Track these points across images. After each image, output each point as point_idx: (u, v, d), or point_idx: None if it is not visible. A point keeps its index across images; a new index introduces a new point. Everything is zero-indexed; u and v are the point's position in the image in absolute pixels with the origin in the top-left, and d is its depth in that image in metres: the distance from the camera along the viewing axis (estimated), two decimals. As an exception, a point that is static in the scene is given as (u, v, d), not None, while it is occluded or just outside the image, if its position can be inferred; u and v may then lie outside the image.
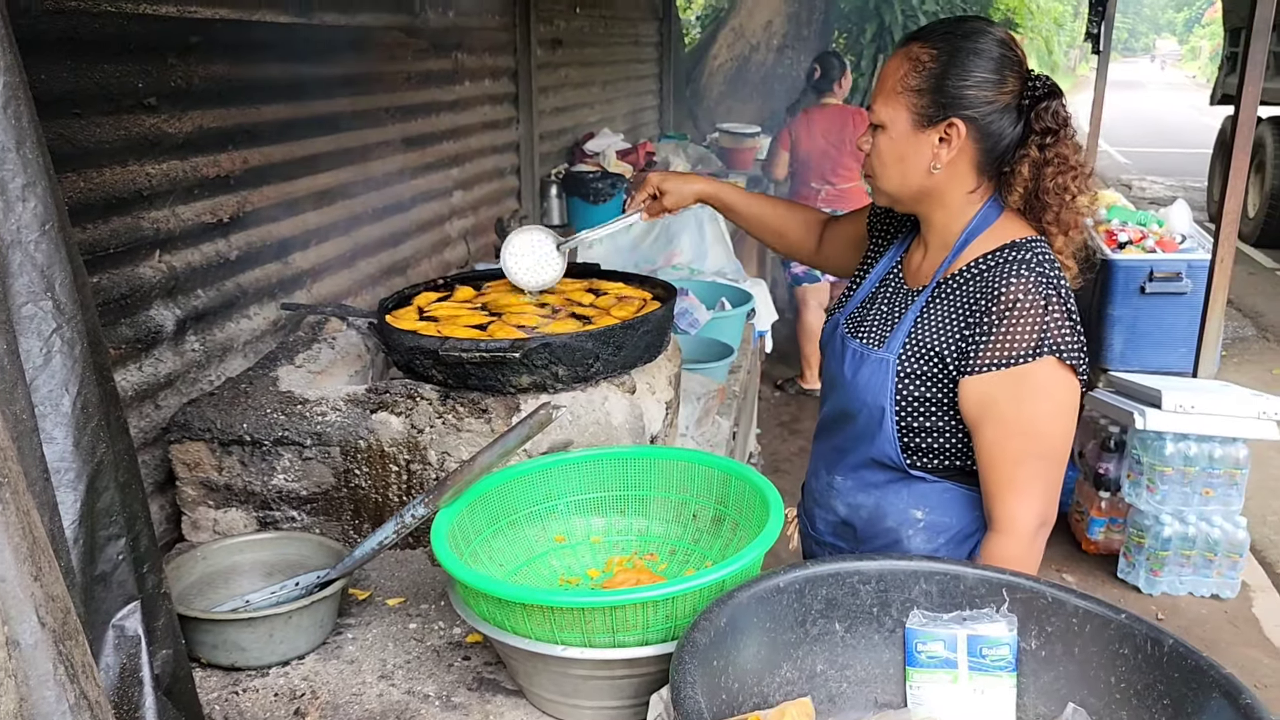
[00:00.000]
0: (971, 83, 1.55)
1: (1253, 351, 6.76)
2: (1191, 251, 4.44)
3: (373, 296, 2.83)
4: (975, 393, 1.56)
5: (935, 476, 1.67)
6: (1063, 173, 1.56)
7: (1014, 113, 1.57)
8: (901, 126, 1.60)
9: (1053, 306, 1.52)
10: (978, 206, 1.63)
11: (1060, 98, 1.58)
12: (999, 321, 1.53)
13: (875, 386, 1.65)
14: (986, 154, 1.59)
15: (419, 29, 3.04)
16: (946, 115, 1.56)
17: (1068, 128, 1.57)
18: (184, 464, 1.83)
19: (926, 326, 1.62)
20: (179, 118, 1.97)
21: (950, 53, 1.56)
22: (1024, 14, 20.19)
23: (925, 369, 1.61)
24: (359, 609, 1.68)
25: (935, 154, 1.59)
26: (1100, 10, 6.20)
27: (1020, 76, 1.58)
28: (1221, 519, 3.57)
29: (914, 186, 1.64)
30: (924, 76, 1.57)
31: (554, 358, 1.72)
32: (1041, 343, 1.51)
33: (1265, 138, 9.28)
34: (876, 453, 1.68)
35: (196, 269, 2.05)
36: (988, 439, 1.57)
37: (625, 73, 5.93)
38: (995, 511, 1.58)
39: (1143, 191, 13.51)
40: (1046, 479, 1.57)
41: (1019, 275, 1.53)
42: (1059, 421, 1.56)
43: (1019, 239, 1.59)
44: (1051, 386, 1.53)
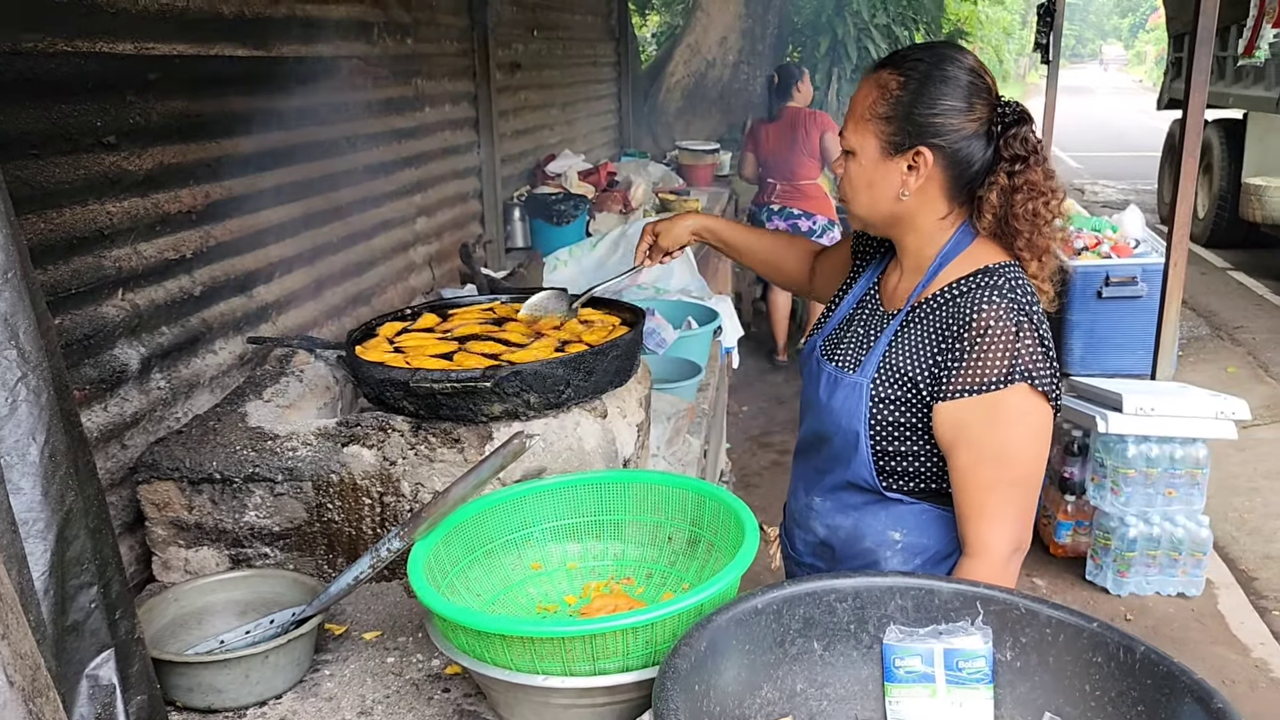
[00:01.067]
0: (939, 110, 1.56)
1: (1208, 350, 6.89)
2: (1145, 256, 4.53)
3: (339, 326, 2.82)
4: (948, 418, 1.56)
5: (912, 498, 1.67)
6: (1033, 199, 1.56)
7: (983, 139, 1.58)
8: (871, 153, 1.61)
9: (1024, 333, 1.53)
10: (950, 232, 1.64)
11: (1030, 124, 1.59)
12: (971, 348, 1.53)
13: (850, 410, 1.66)
14: (956, 180, 1.60)
15: (378, 57, 3.04)
16: (914, 143, 1.57)
17: (1037, 154, 1.57)
18: (153, 504, 1.81)
19: (900, 351, 1.63)
20: (139, 155, 1.96)
21: (918, 80, 1.57)
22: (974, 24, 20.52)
23: (899, 394, 1.62)
24: (336, 644, 1.67)
25: (904, 181, 1.60)
26: (1048, 21, 6.32)
27: (989, 103, 1.58)
28: (1185, 518, 3.64)
29: (884, 212, 1.65)
30: (892, 104, 1.58)
31: (525, 385, 1.72)
32: (1013, 369, 1.51)
33: (1211, 141, 9.48)
34: (853, 475, 1.69)
35: (160, 306, 2.03)
36: (961, 464, 1.58)
37: (584, 93, 5.95)
38: (969, 537, 1.59)
39: (1095, 196, 13.75)
40: (1019, 505, 1.57)
41: (991, 301, 1.54)
42: (1031, 448, 1.57)
43: (992, 264, 1.60)
44: (1024, 413, 1.54)
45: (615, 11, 6.63)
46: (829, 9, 12.16)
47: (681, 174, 6.12)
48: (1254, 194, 8.45)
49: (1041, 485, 1.63)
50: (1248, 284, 8.63)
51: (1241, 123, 9.09)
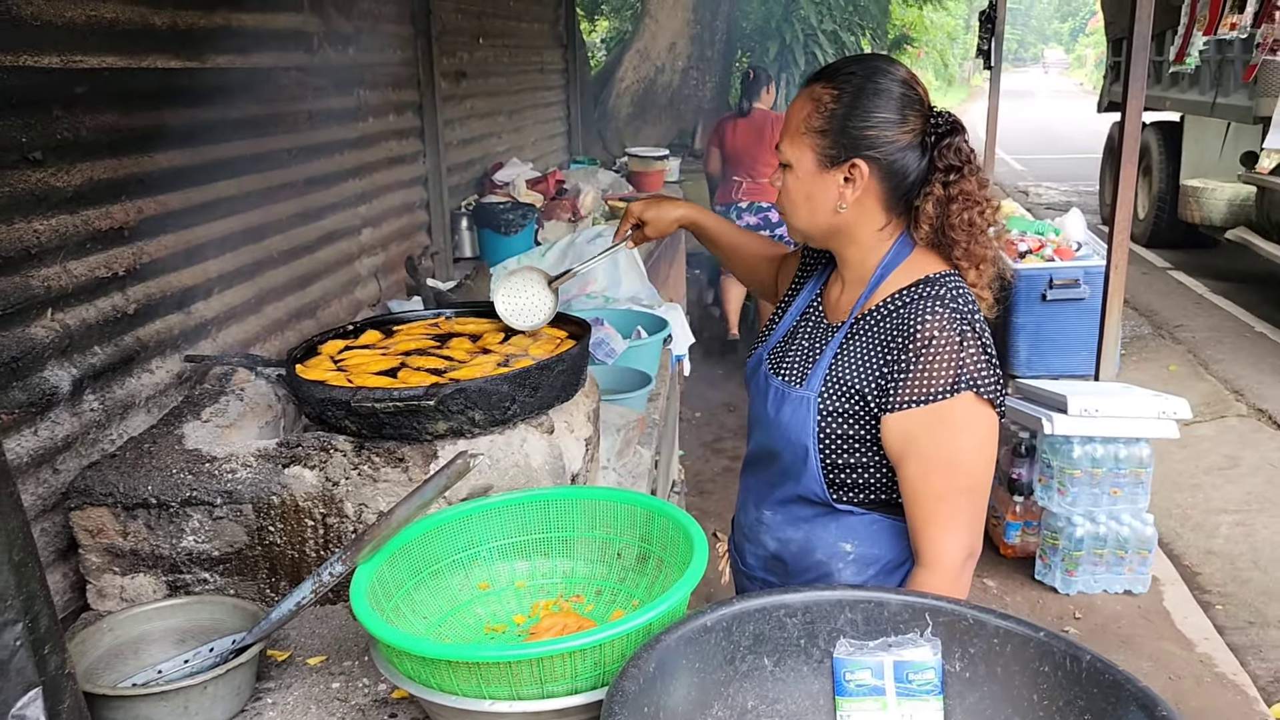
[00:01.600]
0: (873, 123, 1.57)
1: (1150, 349, 7.03)
2: (1088, 258, 4.60)
3: (282, 341, 2.77)
4: (896, 430, 1.57)
5: (862, 509, 1.68)
6: (968, 208, 1.58)
7: (918, 150, 1.59)
8: (807, 166, 1.62)
9: (968, 342, 1.54)
10: (890, 243, 1.65)
11: (962, 134, 1.61)
12: (916, 359, 1.54)
13: (798, 425, 1.66)
14: (892, 192, 1.61)
15: (318, 67, 2.99)
16: (849, 156, 1.59)
17: (971, 164, 1.59)
18: (86, 530, 1.76)
19: (845, 364, 1.63)
20: (67, 170, 1.90)
21: (851, 93, 1.58)
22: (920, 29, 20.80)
23: (846, 406, 1.62)
24: (278, 671, 1.63)
25: (841, 193, 1.61)
26: (990, 27, 6.41)
27: (922, 115, 1.60)
28: (1130, 517, 3.70)
29: (822, 224, 1.66)
30: (826, 117, 1.59)
31: (469, 402, 1.69)
32: (959, 379, 1.53)
33: (1150, 143, 9.68)
34: (803, 489, 1.69)
35: (92, 325, 1.97)
36: (910, 474, 1.58)
37: (532, 101, 5.92)
38: (920, 546, 1.60)
39: (1039, 197, 13.99)
40: (970, 512, 1.58)
41: (934, 312, 1.55)
42: (979, 455, 1.58)
43: (933, 274, 1.61)
44: (970, 421, 1.55)
45: (563, 18, 6.61)
46: (777, 15, 12.25)
47: (631, 181, 6.11)
48: (1192, 195, 8.64)
49: (990, 490, 1.64)
50: (1187, 283, 8.82)
51: (1179, 125, 9.29)
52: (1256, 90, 6.61)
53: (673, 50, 11.53)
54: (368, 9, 3.37)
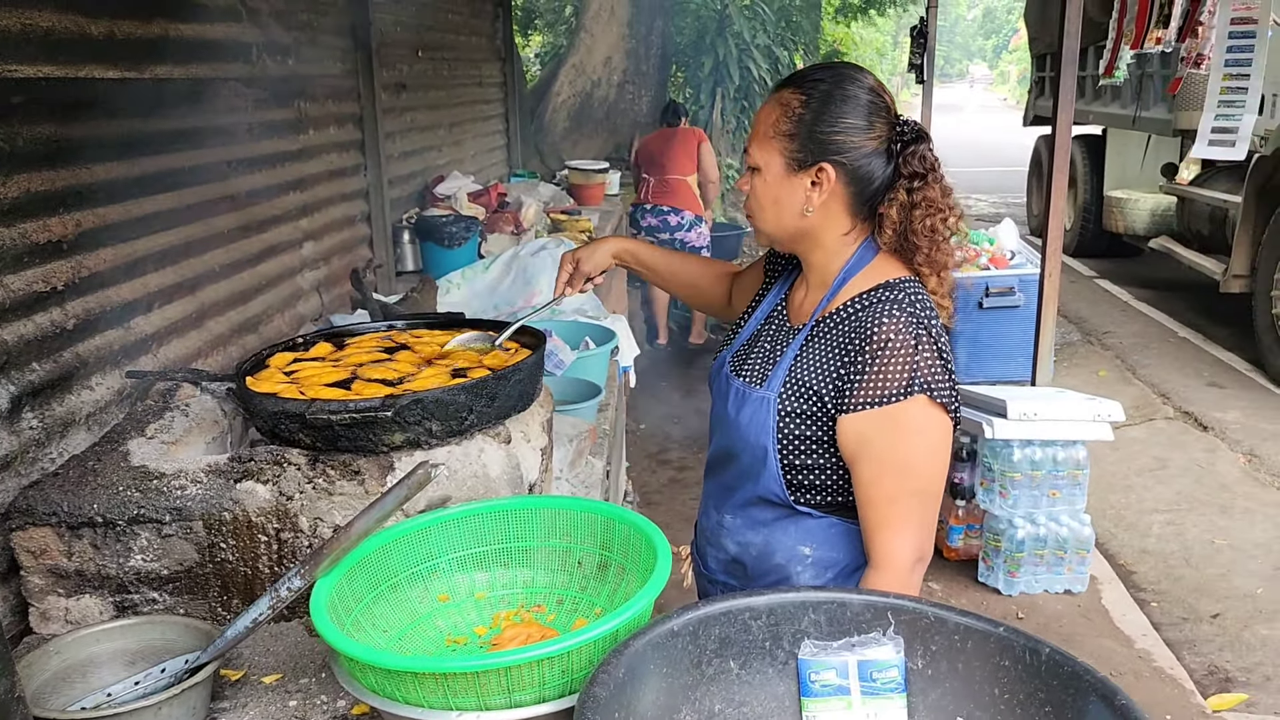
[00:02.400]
0: (840, 128, 1.60)
1: (1080, 355, 7.21)
2: (1021, 267, 4.72)
3: (225, 357, 2.71)
4: (851, 431, 1.59)
5: (821, 512, 1.69)
6: (931, 215, 1.61)
7: (883, 157, 1.62)
8: (775, 170, 1.65)
9: (923, 346, 1.56)
10: (854, 247, 1.68)
11: (927, 142, 1.63)
12: (872, 361, 1.56)
13: (758, 425, 1.67)
14: (858, 197, 1.64)
15: (257, 78, 2.95)
16: (817, 160, 1.61)
17: (935, 171, 1.62)
18: (28, 552, 1.70)
19: (805, 365, 1.66)
20: (3, 183, 1.84)
21: (820, 99, 1.61)
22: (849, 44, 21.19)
23: (805, 408, 1.64)
24: (233, 690, 1.60)
25: (808, 197, 1.63)
26: (921, 42, 6.55)
27: (888, 122, 1.63)
28: (1068, 518, 3.79)
29: (789, 228, 1.68)
30: (795, 122, 1.62)
31: (426, 413, 1.68)
32: (912, 382, 1.55)
33: (1075, 156, 9.95)
34: (763, 490, 1.70)
35: (30, 341, 1.91)
36: (864, 476, 1.60)
37: (471, 114, 5.90)
38: (873, 548, 1.61)
39: (969, 209, 14.29)
40: (921, 515, 1.60)
41: (890, 315, 1.57)
42: (932, 458, 1.60)
43: (893, 279, 1.63)
44: (923, 424, 1.57)
45: (500, 32, 6.60)
46: (711, 31, 12.38)
47: (572, 194, 6.12)
48: (1116, 206, 8.92)
49: (942, 495, 1.66)
50: (1114, 291, 9.08)
51: (1102, 138, 9.58)
52: (1176, 104, 6.85)
53: (608, 64, 11.58)
54: (307, 20, 3.34)
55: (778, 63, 12.68)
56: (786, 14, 13.96)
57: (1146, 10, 3.88)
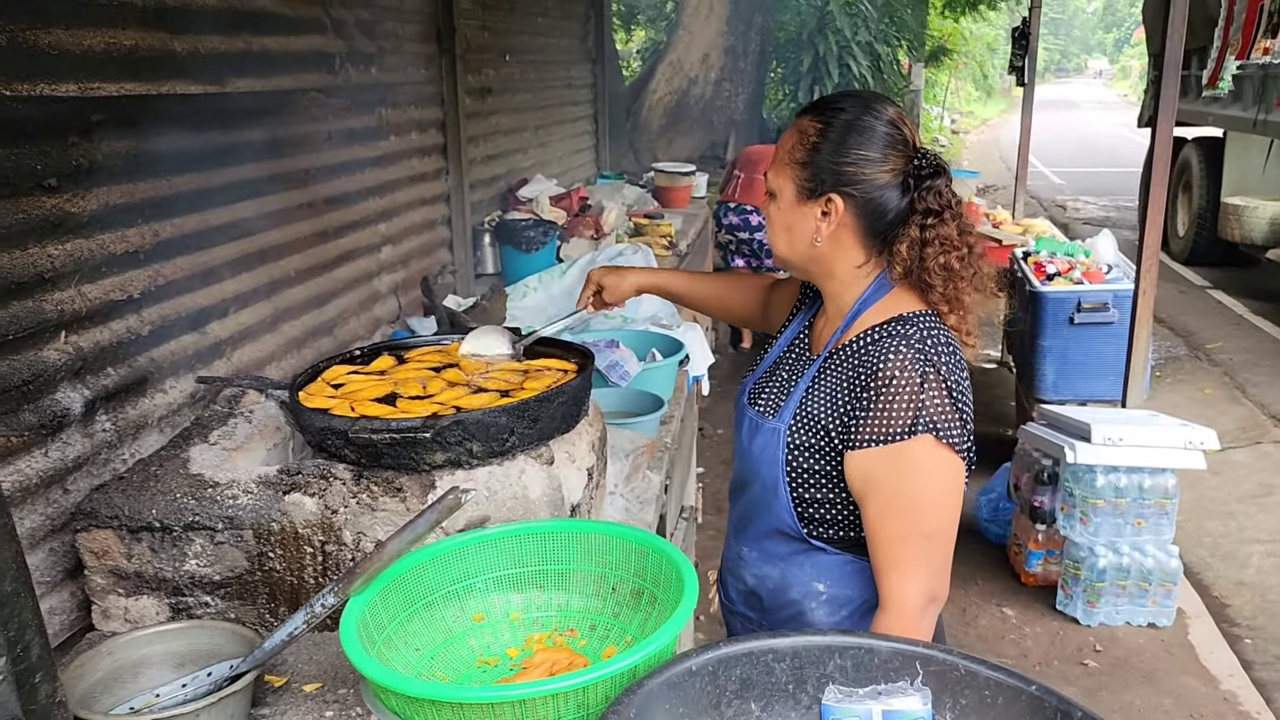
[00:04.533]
0: (852, 159, 1.58)
1: (1185, 371, 6.90)
2: (1117, 281, 4.53)
3: (298, 360, 2.79)
4: (858, 468, 1.57)
5: (836, 548, 1.67)
6: (945, 253, 1.57)
7: (898, 190, 1.59)
8: (788, 197, 1.64)
9: (930, 384, 1.52)
10: (869, 279, 1.65)
11: (945, 177, 1.59)
12: (877, 397, 1.54)
13: (769, 457, 1.66)
14: (869, 229, 1.61)
15: (339, 88, 3.02)
16: (826, 190, 1.59)
17: (952, 208, 1.58)
18: (92, 552, 1.78)
19: (814, 398, 1.64)
20: (83, 196, 1.93)
21: (837, 129, 1.59)
22: (958, 40, 20.67)
23: (812, 441, 1.62)
24: (274, 697, 1.64)
25: (817, 227, 1.62)
26: (1023, 44, 6.35)
27: (905, 155, 1.59)
28: (1154, 548, 3.63)
29: (801, 255, 1.67)
30: (808, 150, 1.61)
31: (467, 434, 1.70)
32: (917, 420, 1.51)
33: (1191, 159, 9.54)
34: (776, 521, 1.69)
35: (106, 347, 2.00)
36: (871, 514, 1.58)
37: (559, 116, 5.94)
38: (882, 588, 1.58)
39: (1077, 212, 13.81)
40: (930, 557, 1.56)
41: (897, 351, 1.54)
42: (940, 500, 1.56)
43: (906, 313, 1.60)
44: (929, 465, 1.53)
45: (592, 33, 6.63)
46: (811, 26, 12.22)
47: (657, 196, 6.11)
48: (1232, 214, 8.50)
49: (955, 538, 1.60)
50: (1226, 303, 8.67)
51: (1221, 141, 9.14)
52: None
53: (706, 61, 11.54)
54: (391, 29, 3.40)
55: (879, 60, 12.45)
56: (891, 9, 13.68)
57: (1255, 19, 3.67)
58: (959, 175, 6.67)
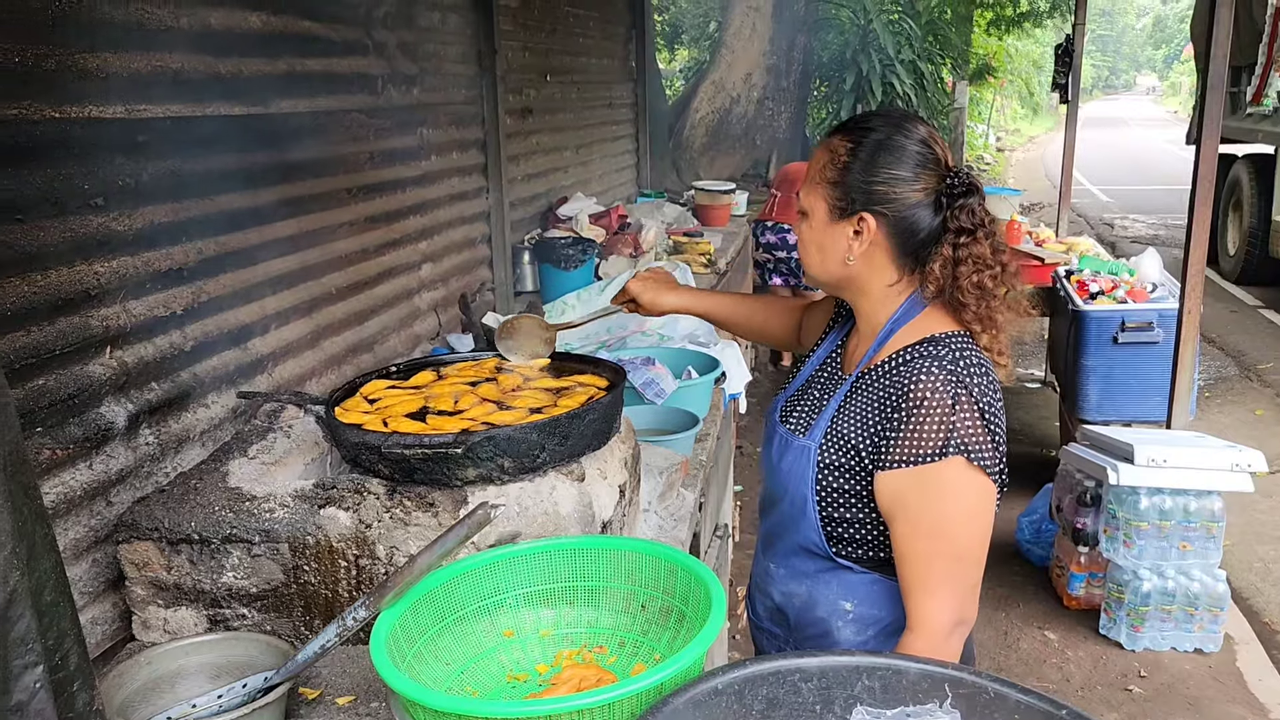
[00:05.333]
0: (883, 179, 1.58)
1: (1235, 391, 6.77)
2: (1163, 301, 4.46)
3: (339, 376, 2.83)
4: (887, 489, 1.56)
5: (863, 568, 1.67)
6: (979, 271, 1.56)
7: (930, 209, 1.59)
8: (820, 216, 1.64)
9: (961, 406, 1.52)
10: (901, 299, 1.65)
11: (978, 196, 1.59)
12: (908, 418, 1.53)
13: (798, 474, 1.66)
14: (902, 248, 1.61)
15: (381, 108, 3.07)
16: (857, 209, 1.60)
17: (985, 227, 1.57)
18: (133, 563, 1.82)
19: (845, 418, 1.64)
20: (128, 215, 1.98)
21: (868, 148, 1.59)
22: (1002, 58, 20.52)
23: (843, 460, 1.62)
24: (308, 709, 1.66)
25: (849, 245, 1.62)
26: (1067, 61, 6.30)
27: (937, 174, 1.59)
28: (1200, 572, 3.55)
29: (834, 274, 1.67)
30: (840, 169, 1.61)
31: (499, 450, 1.71)
32: (948, 442, 1.51)
33: (1241, 176, 9.37)
34: (803, 539, 1.69)
35: (150, 362, 2.04)
36: (900, 535, 1.57)
37: (599, 135, 5.98)
38: (909, 609, 1.57)
39: (1125, 231, 13.61)
40: (958, 580, 1.55)
41: (929, 372, 1.53)
42: (970, 522, 1.55)
43: (938, 333, 1.60)
44: (960, 487, 1.52)
45: (634, 53, 6.67)
46: (854, 45, 12.19)
47: (698, 215, 6.12)
48: (1284, 231, 8.33)
49: (985, 560, 1.59)
50: (1278, 322, 8.48)
51: (1271, 158, 8.97)
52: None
53: (748, 81, 11.56)
54: (433, 51, 3.45)
55: (923, 78, 12.38)
56: (935, 28, 13.62)
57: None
58: (1001, 193, 6.60)
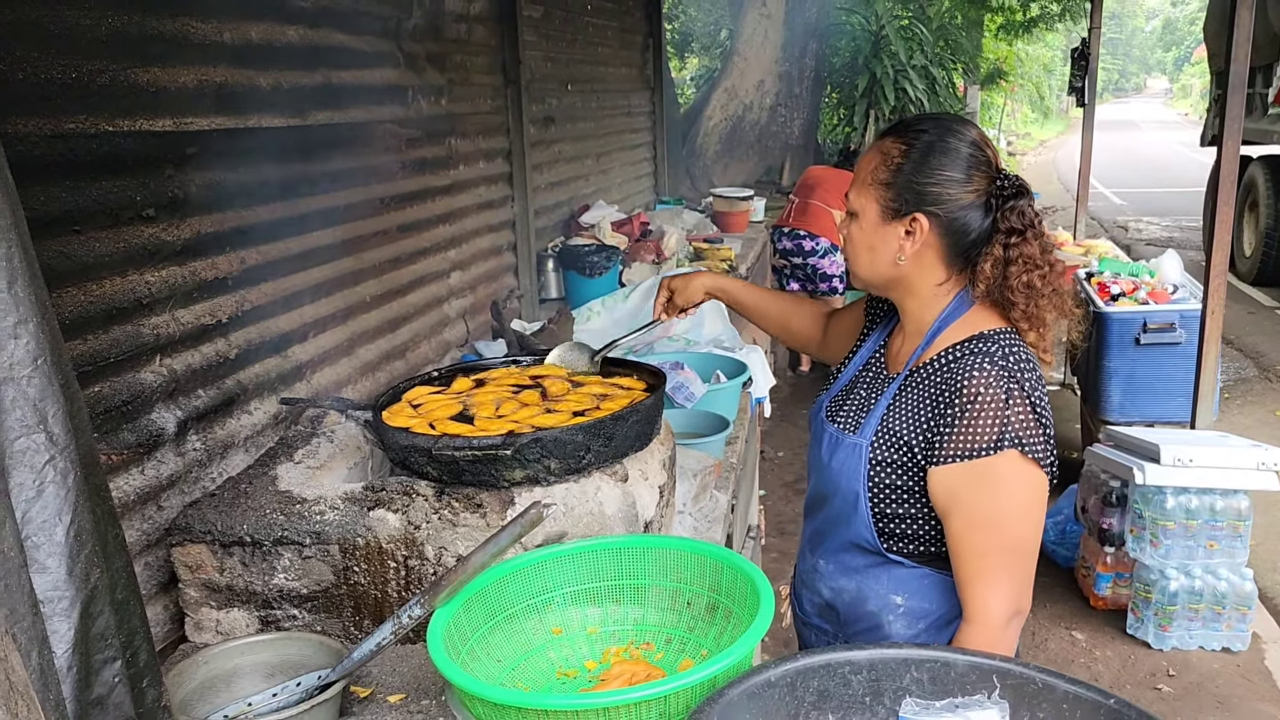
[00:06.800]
0: (936, 180, 1.60)
1: (1255, 392, 6.75)
2: (1184, 302, 4.47)
3: (373, 382, 2.87)
4: (941, 484, 1.59)
5: (913, 562, 1.69)
6: (1028, 271, 1.59)
7: (981, 210, 1.62)
8: (871, 217, 1.67)
9: (1014, 400, 1.55)
10: (949, 298, 1.68)
11: (1027, 197, 1.62)
12: (962, 414, 1.56)
13: (850, 471, 1.69)
14: (953, 248, 1.64)
15: (411, 119, 3.12)
16: (911, 210, 1.62)
17: (1034, 227, 1.60)
18: (186, 566, 1.86)
19: (897, 415, 1.66)
20: (177, 225, 2.02)
21: (920, 149, 1.62)
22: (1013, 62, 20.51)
23: (895, 457, 1.64)
24: (360, 707, 1.69)
25: (901, 246, 1.65)
26: (1083, 64, 6.31)
27: (988, 176, 1.62)
28: (1228, 571, 3.56)
29: (883, 275, 1.70)
30: (892, 171, 1.63)
31: (545, 451, 1.75)
32: (1003, 436, 1.53)
33: (1257, 177, 9.35)
34: (854, 536, 1.71)
35: (197, 370, 2.09)
36: (955, 529, 1.60)
37: (619, 143, 6.03)
38: (966, 602, 1.60)
39: (1139, 233, 13.58)
40: (1014, 571, 1.58)
41: (981, 368, 1.56)
42: (1025, 514, 1.58)
43: (987, 330, 1.63)
44: (1014, 480, 1.55)
45: (650, 62, 6.72)
46: (866, 51, 12.22)
47: (716, 221, 6.16)
48: (1301, 233, 8.31)
49: (1039, 551, 1.63)
50: (1296, 324, 8.46)
51: (1287, 160, 8.96)
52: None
53: (761, 88, 11.60)
54: (460, 62, 3.50)
55: (935, 83, 12.40)
56: (946, 33, 13.65)
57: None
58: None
